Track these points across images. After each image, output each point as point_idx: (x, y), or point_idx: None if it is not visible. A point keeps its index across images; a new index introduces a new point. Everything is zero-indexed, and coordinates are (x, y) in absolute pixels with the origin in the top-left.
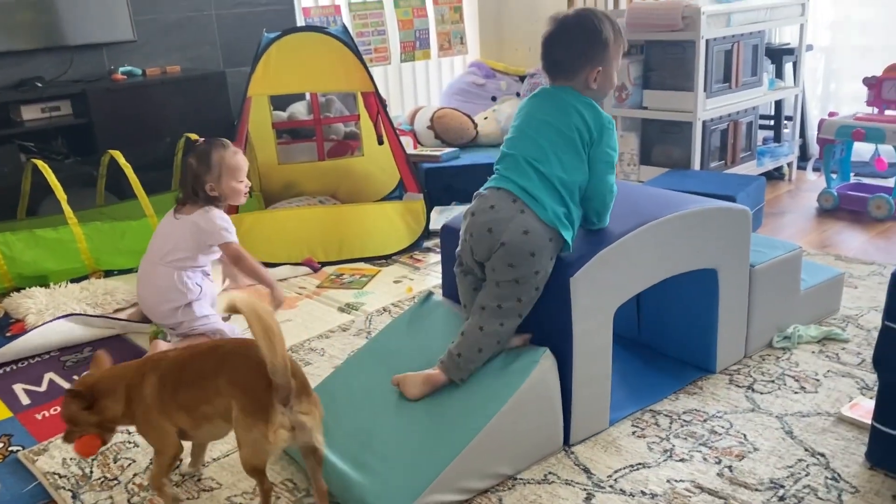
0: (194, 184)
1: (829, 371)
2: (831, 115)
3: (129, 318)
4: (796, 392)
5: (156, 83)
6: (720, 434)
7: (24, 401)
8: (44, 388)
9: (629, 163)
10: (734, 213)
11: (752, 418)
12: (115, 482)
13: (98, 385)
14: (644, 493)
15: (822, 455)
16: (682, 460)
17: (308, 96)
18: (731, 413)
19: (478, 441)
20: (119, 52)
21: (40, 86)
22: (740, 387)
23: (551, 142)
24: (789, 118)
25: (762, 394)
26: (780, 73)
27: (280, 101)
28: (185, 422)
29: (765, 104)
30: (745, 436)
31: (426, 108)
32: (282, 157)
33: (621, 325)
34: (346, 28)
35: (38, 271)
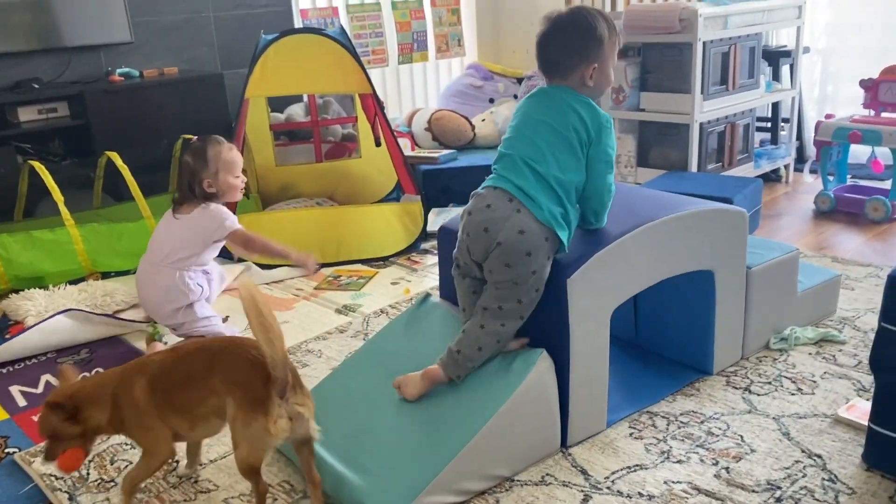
0: (191, 181)
1: (825, 373)
2: (828, 117)
3: (133, 319)
4: (793, 393)
5: (153, 85)
6: (717, 435)
7: (21, 402)
8: (40, 389)
9: (626, 165)
10: (731, 215)
11: (748, 420)
12: (112, 484)
13: (78, 395)
14: (641, 495)
15: (819, 456)
16: (679, 462)
17: (306, 98)
18: (728, 414)
19: (475, 442)
20: (116, 54)
21: (37, 87)
22: (737, 388)
23: (548, 142)
24: (786, 120)
25: (759, 395)
26: (776, 76)
27: (278, 103)
28: (181, 424)
29: (762, 106)
30: (742, 437)
31: (424, 109)
32: (279, 158)
33: (619, 326)
34: (343, 30)
35: (34, 273)
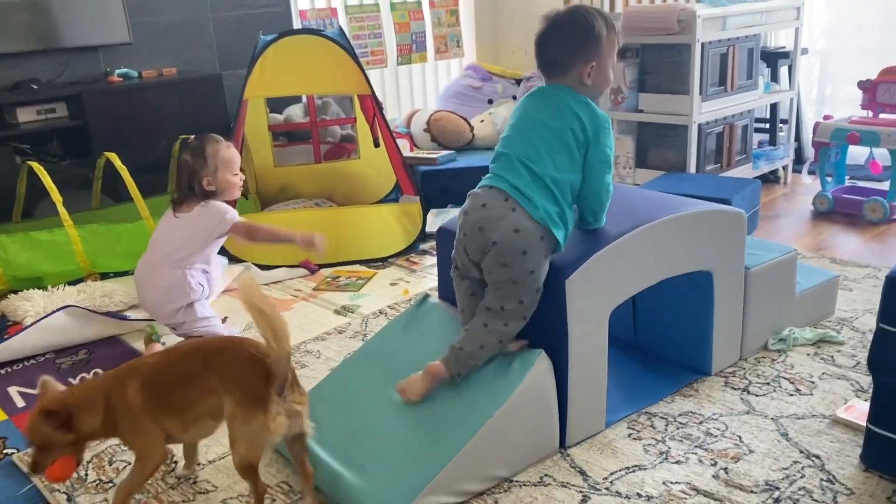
0: (190, 180)
1: (824, 373)
2: (826, 118)
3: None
4: (791, 394)
5: (152, 85)
6: (716, 436)
7: (19, 403)
8: (39, 390)
9: (625, 166)
10: (729, 216)
11: (747, 420)
12: (111, 485)
13: (69, 400)
14: (640, 496)
15: (818, 457)
16: (677, 462)
17: (304, 99)
18: (727, 415)
19: (474, 443)
20: (115, 55)
21: (36, 88)
22: (736, 389)
23: (545, 141)
24: (784, 121)
25: (757, 396)
26: (775, 77)
27: (276, 104)
28: (174, 426)
29: (760, 107)
30: (740, 438)
31: (423, 110)
32: (278, 159)
33: (617, 327)
34: (342, 31)
35: (33, 273)
